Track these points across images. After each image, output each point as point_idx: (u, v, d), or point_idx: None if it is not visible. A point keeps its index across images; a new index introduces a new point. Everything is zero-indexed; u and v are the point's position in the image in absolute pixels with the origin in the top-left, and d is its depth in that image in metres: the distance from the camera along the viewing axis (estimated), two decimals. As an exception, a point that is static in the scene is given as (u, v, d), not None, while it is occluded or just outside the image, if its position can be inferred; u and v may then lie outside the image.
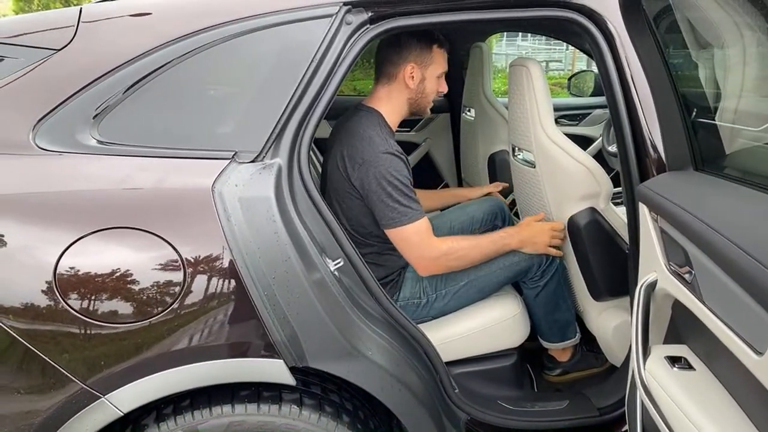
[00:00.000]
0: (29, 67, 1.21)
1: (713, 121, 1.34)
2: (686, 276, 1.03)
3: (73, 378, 1.13)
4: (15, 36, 1.26)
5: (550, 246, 1.66)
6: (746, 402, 0.93)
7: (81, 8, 1.27)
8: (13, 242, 1.12)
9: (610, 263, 1.65)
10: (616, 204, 1.72)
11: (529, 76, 1.64)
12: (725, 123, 1.33)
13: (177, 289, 1.14)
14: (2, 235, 1.12)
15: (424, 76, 1.68)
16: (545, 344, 1.85)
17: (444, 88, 1.75)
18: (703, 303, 0.96)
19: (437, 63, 1.69)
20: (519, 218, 2.18)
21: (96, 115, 1.19)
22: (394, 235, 1.56)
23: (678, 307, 1.14)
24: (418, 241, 1.54)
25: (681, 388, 1.01)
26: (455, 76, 3.09)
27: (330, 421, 1.28)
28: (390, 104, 1.69)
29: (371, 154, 1.53)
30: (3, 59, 1.24)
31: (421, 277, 1.69)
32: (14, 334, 1.10)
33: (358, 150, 1.56)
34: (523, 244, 1.66)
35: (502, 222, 2.09)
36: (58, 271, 1.10)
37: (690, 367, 1.06)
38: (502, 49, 14.55)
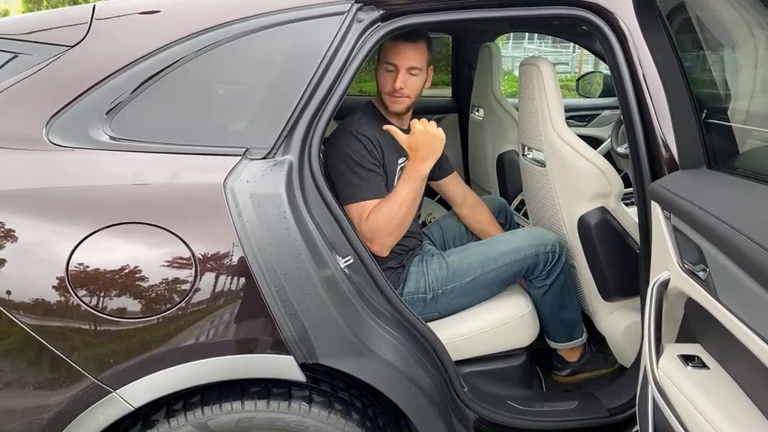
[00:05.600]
0: (43, 63, 1.22)
1: (727, 120, 1.33)
2: (700, 274, 1.03)
3: (85, 372, 1.13)
4: (28, 33, 1.27)
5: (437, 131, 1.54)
6: (763, 400, 0.92)
7: (94, 5, 1.28)
8: (26, 237, 1.13)
9: (621, 263, 1.64)
10: (626, 205, 1.71)
11: (540, 75, 1.64)
12: (738, 122, 1.33)
13: (188, 284, 1.14)
14: (14, 231, 1.12)
15: (377, 68, 1.69)
16: (552, 344, 1.84)
17: (395, 82, 1.61)
18: (719, 300, 0.96)
19: (383, 53, 1.65)
20: (528, 218, 2.18)
21: (109, 111, 1.20)
22: (346, 212, 1.52)
23: (691, 305, 1.13)
24: (357, 220, 1.55)
25: (695, 386, 1.00)
26: (464, 76, 3.10)
27: (339, 419, 1.28)
28: (378, 95, 1.74)
29: (337, 135, 1.61)
30: (17, 56, 1.25)
31: (425, 272, 1.69)
32: (26, 329, 1.10)
33: (332, 133, 1.65)
34: (426, 155, 1.53)
35: (504, 219, 2.10)
36: (70, 267, 1.10)
37: (704, 366, 1.06)
38: (508, 51, 14.54)
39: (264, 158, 1.23)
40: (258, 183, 1.18)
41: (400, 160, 1.71)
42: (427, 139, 1.52)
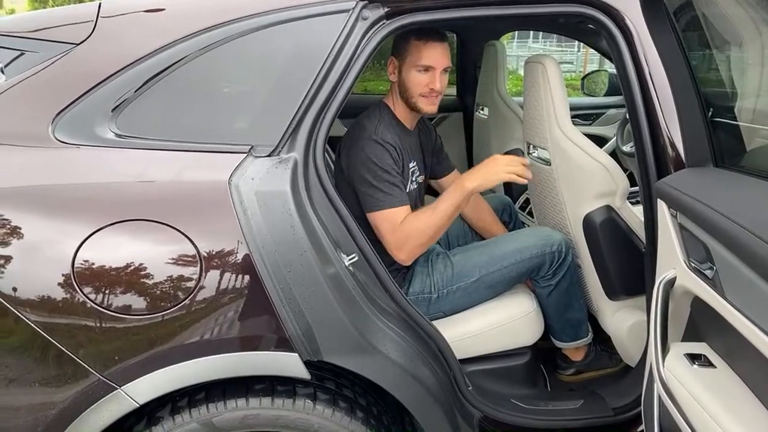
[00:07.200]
0: (49, 61, 1.22)
1: (733, 118, 1.33)
2: (707, 272, 1.02)
3: (90, 369, 1.13)
4: (35, 31, 1.28)
5: (511, 173, 1.55)
6: (770, 399, 0.92)
7: (100, 3, 1.28)
8: (32, 234, 1.13)
9: (626, 262, 1.63)
10: (631, 204, 1.70)
11: (545, 73, 1.63)
12: (745, 120, 1.32)
13: (193, 282, 1.14)
14: (21, 228, 1.13)
15: (401, 68, 1.65)
16: (557, 344, 1.83)
17: (433, 84, 1.61)
18: (726, 299, 0.95)
19: (414, 55, 1.61)
20: (533, 217, 2.17)
21: (114, 109, 1.20)
22: (370, 220, 1.58)
23: (697, 304, 1.13)
24: (386, 228, 1.55)
25: (702, 385, 1.00)
26: (468, 75, 3.10)
27: (344, 416, 1.28)
28: (393, 98, 1.72)
29: (357, 139, 1.59)
30: (23, 53, 1.25)
31: (430, 272, 1.69)
32: (32, 326, 1.11)
33: (350, 136, 1.63)
34: (480, 177, 1.55)
35: (509, 217, 2.09)
36: (76, 263, 1.11)
37: (710, 365, 1.05)
38: (513, 50, 14.53)
39: (269, 156, 1.23)
40: (263, 180, 1.18)
41: (411, 164, 1.71)
42: (489, 167, 1.56)
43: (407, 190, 1.67)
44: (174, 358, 1.15)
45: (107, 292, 1.12)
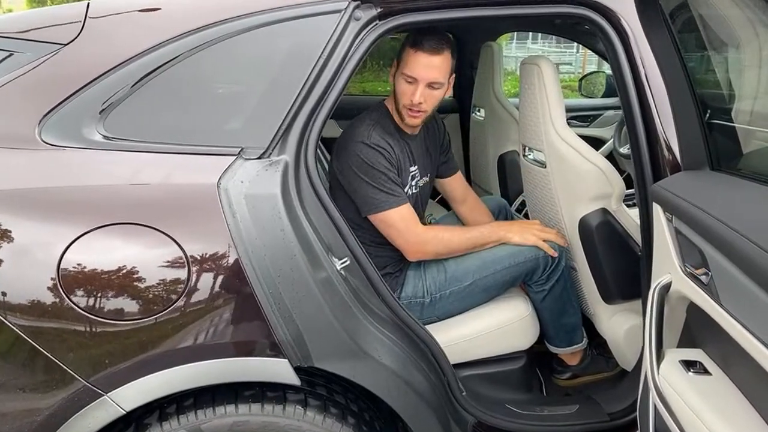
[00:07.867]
0: (36, 61, 1.20)
1: (730, 121, 1.31)
2: (702, 278, 1.01)
3: (76, 375, 1.11)
4: (24, 31, 1.26)
5: (543, 240, 1.65)
6: (766, 408, 0.90)
7: (88, 3, 1.27)
8: (17, 238, 1.11)
9: (622, 265, 1.62)
10: (627, 206, 1.69)
11: (541, 75, 1.61)
12: (742, 122, 1.31)
13: (181, 286, 1.12)
14: (5, 231, 1.11)
15: (396, 73, 1.60)
16: (552, 349, 1.82)
17: (413, 96, 1.53)
18: (721, 305, 0.93)
19: (403, 62, 1.55)
20: (528, 220, 2.15)
21: (102, 110, 1.19)
22: (379, 221, 1.57)
23: (693, 310, 1.11)
24: (403, 226, 1.57)
25: (697, 393, 0.98)
26: (465, 76, 3.08)
27: (335, 423, 1.26)
28: (392, 99, 1.67)
29: (348, 143, 1.57)
30: (11, 54, 1.23)
31: (423, 276, 1.68)
32: (17, 331, 1.09)
33: (343, 139, 1.61)
34: (513, 233, 1.67)
35: (504, 219, 2.08)
36: (61, 267, 1.09)
37: (706, 372, 1.03)
38: (511, 51, 14.50)
39: (259, 158, 1.21)
40: (253, 183, 1.16)
41: (412, 168, 1.69)
42: (527, 227, 1.70)
43: (407, 194, 1.65)
44: (160, 364, 1.13)
45: (92, 296, 1.10)
